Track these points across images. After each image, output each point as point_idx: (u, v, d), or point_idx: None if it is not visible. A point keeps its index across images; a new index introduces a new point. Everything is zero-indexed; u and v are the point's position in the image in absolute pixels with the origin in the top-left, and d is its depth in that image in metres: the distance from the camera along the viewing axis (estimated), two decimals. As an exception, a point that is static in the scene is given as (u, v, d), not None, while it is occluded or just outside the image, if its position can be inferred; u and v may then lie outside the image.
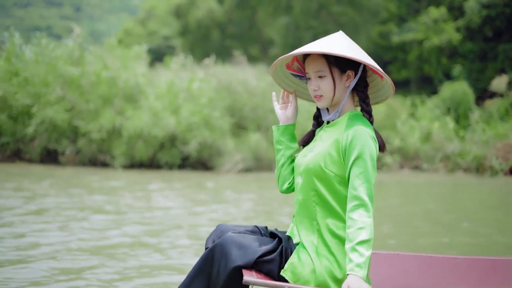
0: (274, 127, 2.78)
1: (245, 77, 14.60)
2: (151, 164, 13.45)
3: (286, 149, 2.74)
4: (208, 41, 28.65)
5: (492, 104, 16.83)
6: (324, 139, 2.56)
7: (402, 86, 25.91)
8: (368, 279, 2.44)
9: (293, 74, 2.75)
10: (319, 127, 2.72)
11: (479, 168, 14.00)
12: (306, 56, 2.60)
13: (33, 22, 42.18)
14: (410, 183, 12.59)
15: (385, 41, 27.06)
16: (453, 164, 14.24)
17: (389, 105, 15.65)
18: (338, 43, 2.50)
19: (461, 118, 16.56)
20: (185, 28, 29.08)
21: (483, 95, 20.59)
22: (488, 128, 14.93)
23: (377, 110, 15.20)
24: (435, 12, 24.84)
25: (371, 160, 2.42)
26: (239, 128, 14.27)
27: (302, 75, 2.73)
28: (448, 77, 23.76)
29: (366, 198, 2.37)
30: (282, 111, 2.79)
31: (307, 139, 2.69)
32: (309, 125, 2.79)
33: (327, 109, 2.65)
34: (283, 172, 2.74)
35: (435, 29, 24.73)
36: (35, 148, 13.55)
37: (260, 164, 13.39)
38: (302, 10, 26.50)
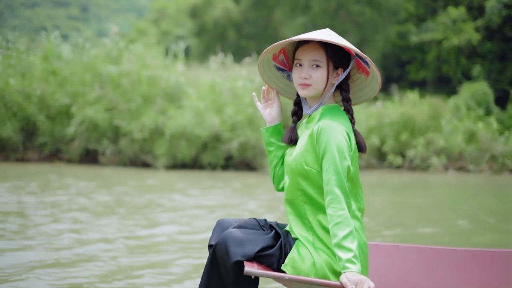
0: (262, 129, 2.78)
1: (286, 76, 14.40)
2: (193, 165, 13.26)
3: (277, 150, 2.75)
4: (223, 41, 28.47)
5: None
6: (304, 136, 2.57)
7: (418, 87, 25.84)
8: (365, 270, 2.48)
9: (276, 67, 2.73)
10: (298, 120, 2.74)
11: (527, 169, 13.94)
12: (300, 44, 2.57)
13: (40, 22, 41.83)
14: (458, 184, 12.49)
15: (403, 41, 26.96)
16: (499, 165, 14.12)
17: (432, 105, 15.53)
18: (340, 39, 2.51)
19: (506, 119, 16.44)
20: (201, 28, 28.91)
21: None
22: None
23: (420, 110, 15.09)
24: (454, 12, 24.75)
25: (338, 152, 2.41)
26: (283, 129, 14.08)
27: (284, 68, 2.73)
28: (467, 77, 23.66)
29: (337, 191, 2.38)
30: (267, 111, 2.78)
31: (290, 135, 2.67)
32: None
33: (307, 102, 2.67)
34: (277, 172, 2.76)
35: (454, 29, 24.64)
36: (75, 149, 13.34)
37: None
38: (320, 10, 26.38)
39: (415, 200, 9.53)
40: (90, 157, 13.59)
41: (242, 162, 13.35)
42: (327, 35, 2.50)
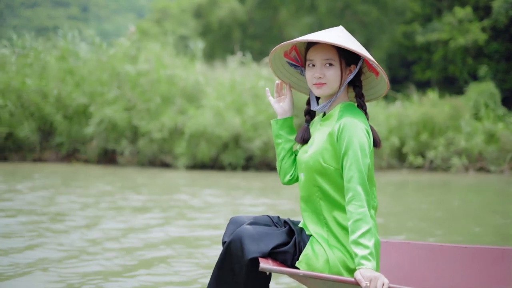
0: (272, 121, 2.80)
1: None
2: (213, 165, 13.15)
3: (286, 142, 2.77)
4: (228, 41, 28.39)
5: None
6: (321, 134, 2.59)
7: (423, 87, 25.84)
8: (377, 268, 2.49)
9: (288, 63, 2.76)
10: (312, 119, 2.76)
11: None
12: (311, 44, 2.60)
13: (40, 22, 41.69)
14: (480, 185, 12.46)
15: (409, 41, 26.96)
16: (520, 165, 14.10)
17: (452, 106, 15.49)
18: (350, 39, 2.55)
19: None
20: (206, 28, 28.83)
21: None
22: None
23: (441, 110, 15.05)
24: (460, 12, 24.76)
25: (360, 150, 2.44)
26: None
27: (297, 65, 2.76)
28: (473, 77, 23.68)
29: (359, 188, 2.41)
30: (279, 105, 2.80)
31: (303, 135, 2.68)
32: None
33: (317, 100, 2.71)
34: (284, 165, 2.78)
35: (460, 29, 24.65)
36: (93, 149, 13.23)
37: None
38: (326, 10, 26.35)
39: (433, 200, 9.51)
40: (108, 157, 13.48)
41: (263, 162, 13.25)
42: (337, 36, 2.52)
